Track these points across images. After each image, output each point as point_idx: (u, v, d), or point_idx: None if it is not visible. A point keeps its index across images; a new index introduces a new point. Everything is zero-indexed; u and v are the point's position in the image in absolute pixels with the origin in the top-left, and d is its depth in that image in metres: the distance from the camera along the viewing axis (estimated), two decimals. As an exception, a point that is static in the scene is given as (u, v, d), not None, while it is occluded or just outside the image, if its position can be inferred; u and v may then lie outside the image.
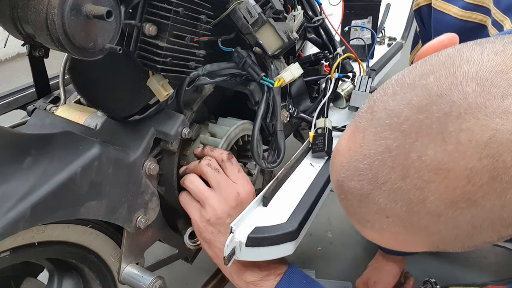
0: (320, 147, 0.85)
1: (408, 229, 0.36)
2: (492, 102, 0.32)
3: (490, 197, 0.32)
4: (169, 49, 0.62)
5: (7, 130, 0.55)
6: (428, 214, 0.34)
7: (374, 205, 0.36)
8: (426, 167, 0.33)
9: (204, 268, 1.16)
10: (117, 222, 0.66)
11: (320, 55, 1.05)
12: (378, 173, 0.35)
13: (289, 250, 0.68)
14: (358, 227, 0.42)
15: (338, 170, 0.40)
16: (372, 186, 0.36)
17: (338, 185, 0.40)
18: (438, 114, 0.33)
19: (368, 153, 0.36)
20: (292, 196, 0.76)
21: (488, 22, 0.68)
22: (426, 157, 0.33)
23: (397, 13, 1.71)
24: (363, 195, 0.37)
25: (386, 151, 0.35)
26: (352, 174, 0.38)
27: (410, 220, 0.35)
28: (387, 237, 0.39)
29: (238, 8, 0.74)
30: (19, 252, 0.59)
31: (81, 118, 0.75)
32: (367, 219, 0.39)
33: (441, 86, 0.34)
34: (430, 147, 0.32)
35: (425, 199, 0.33)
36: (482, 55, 0.34)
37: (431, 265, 1.29)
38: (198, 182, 0.74)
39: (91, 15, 0.50)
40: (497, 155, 0.31)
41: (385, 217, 0.37)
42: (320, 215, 1.47)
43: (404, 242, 0.39)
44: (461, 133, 0.32)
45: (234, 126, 0.80)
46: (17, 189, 0.51)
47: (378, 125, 0.36)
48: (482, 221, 0.34)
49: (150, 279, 0.69)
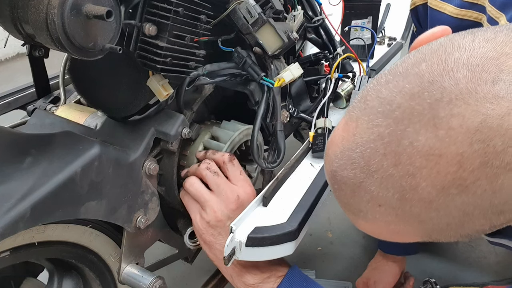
0: (320, 147, 0.85)
1: (400, 218, 0.36)
2: (482, 87, 0.32)
3: (481, 183, 0.32)
4: (169, 49, 0.62)
5: (7, 130, 0.55)
6: (420, 201, 0.34)
7: (367, 193, 0.36)
8: (418, 153, 0.33)
9: (204, 268, 1.17)
10: (117, 222, 0.66)
11: (320, 55, 1.05)
12: (371, 161, 0.35)
13: (289, 250, 0.68)
14: (352, 218, 0.42)
15: (332, 160, 0.40)
16: (364, 174, 0.36)
17: (331, 176, 0.40)
18: (430, 100, 0.33)
19: (360, 141, 0.36)
20: (292, 196, 0.76)
21: (484, 20, 0.69)
22: (417, 143, 0.33)
23: (397, 13, 1.70)
24: (356, 184, 0.37)
25: (379, 138, 0.35)
26: (345, 163, 0.38)
27: (402, 208, 0.35)
28: (380, 227, 0.39)
29: (238, 8, 0.74)
30: (19, 252, 0.59)
31: (81, 118, 0.75)
32: (360, 209, 0.39)
33: (432, 73, 0.34)
34: (421, 133, 0.33)
35: (417, 185, 0.34)
36: (474, 42, 0.35)
37: (431, 265, 1.29)
38: (197, 184, 0.74)
39: (91, 15, 0.50)
40: (487, 140, 0.31)
41: (377, 206, 0.37)
42: (320, 215, 1.47)
43: (396, 231, 0.39)
44: (452, 119, 0.32)
45: (238, 132, 0.80)
46: (17, 189, 0.51)
47: (371, 113, 0.36)
48: (474, 208, 0.34)
49: (150, 279, 0.69)
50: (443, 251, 1.34)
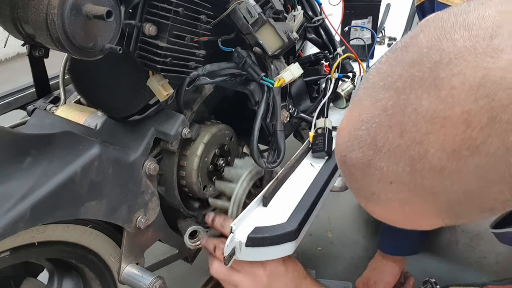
0: (320, 147, 0.85)
1: (413, 193, 0.35)
2: (481, 43, 0.31)
3: (492, 140, 0.30)
4: (169, 49, 0.62)
5: (7, 130, 0.55)
6: (431, 170, 0.33)
7: (377, 171, 0.35)
8: (423, 119, 0.32)
9: (204, 268, 1.16)
10: (117, 222, 0.66)
11: (320, 55, 1.05)
12: (377, 136, 0.34)
13: (289, 250, 0.68)
14: (365, 204, 0.40)
15: (340, 146, 0.39)
16: (372, 151, 0.35)
17: (342, 162, 0.39)
18: (429, 64, 0.32)
19: (365, 118, 0.36)
20: (292, 196, 0.76)
21: None
22: (421, 108, 0.32)
23: (397, 13, 1.70)
24: (365, 163, 0.36)
25: (383, 111, 0.34)
26: (352, 144, 0.37)
27: (414, 181, 0.34)
28: (395, 210, 0.38)
29: (238, 8, 0.74)
30: (19, 252, 0.59)
31: (81, 118, 0.75)
32: (372, 191, 0.37)
33: (430, 40, 0.34)
34: (424, 97, 0.32)
35: (426, 153, 0.32)
36: (469, 7, 0.35)
37: (431, 265, 1.29)
38: (222, 269, 0.71)
39: (91, 15, 0.50)
40: (492, 94, 0.30)
41: (388, 183, 0.35)
42: (320, 215, 1.47)
43: (412, 212, 0.37)
44: (453, 78, 0.31)
45: (240, 183, 0.77)
46: (17, 189, 0.51)
47: (374, 90, 0.36)
48: (488, 171, 0.32)
49: (150, 279, 0.69)
50: (443, 251, 1.34)
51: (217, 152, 0.84)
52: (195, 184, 0.80)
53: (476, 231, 1.38)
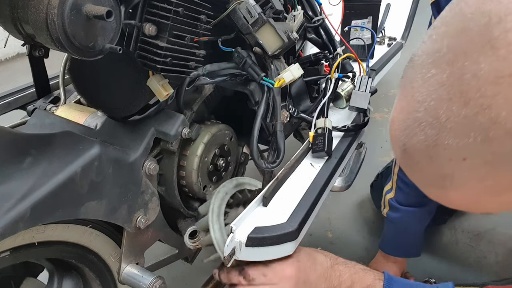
0: (320, 147, 0.85)
1: (492, 164, 0.32)
2: None
3: None
4: (169, 49, 0.62)
5: (7, 130, 0.55)
6: (508, 134, 0.30)
7: (445, 150, 0.33)
8: (485, 82, 0.30)
9: (204, 268, 1.16)
10: (117, 222, 0.66)
11: (320, 55, 1.05)
12: (438, 112, 0.32)
13: (289, 250, 0.68)
14: (437, 194, 0.37)
15: (397, 136, 0.37)
16: (436, 130, 0.33)
17: (403, 153, 0.37)
18: (478, 28, 0.31)
19: (421, 98, 0.33)
20: (292, 196, 0.76)
21: None
22: (481, 72, 0.30)
23: (397, 13, 1.71)
24: (430, 145, 0.33)
25: (439, 86, 0.32)
26: (412, 130, 0.35)
27: (491, 150, 0.31)
28: (475, 189, 0.34)
29: (238, 8, 0.74)
30: (19, 252, 0.59)
31: (81, 118, 0.75)
32: (444, 174, 0.34)
33: (472, 6, 0.32)
34: (481, 60, 0.30)
35: (497, 116, 0.30)
36: None
37: (431, 265, 1.29)
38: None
39: (91, 15, 0.50)
40: None
41: (462, 161, 0.32)
42: (320, 215, 1.47)
43: (496, 187, 0.33)
44: (508, 34, 0.29)
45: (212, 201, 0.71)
46: (17, 189, 0.51)
47: (423, 68, 0.34)
48: None
49: (150, 279, 0.69)
50: (443, 251, 1.34)
51: (217, 152, 0.84)
52: (195, 184, 0.80)
53: (476, 231, 1.38)
